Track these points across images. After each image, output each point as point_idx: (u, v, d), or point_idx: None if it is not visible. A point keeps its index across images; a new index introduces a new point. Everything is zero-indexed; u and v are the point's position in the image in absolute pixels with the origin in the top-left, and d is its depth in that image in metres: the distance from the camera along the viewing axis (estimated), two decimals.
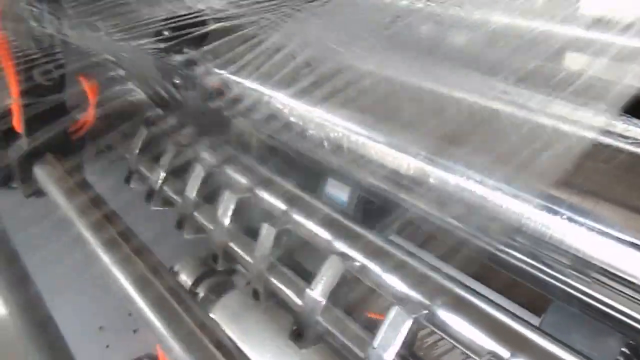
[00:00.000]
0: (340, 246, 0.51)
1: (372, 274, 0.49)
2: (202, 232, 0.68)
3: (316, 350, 0.50)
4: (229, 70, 0.59)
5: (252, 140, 0.74)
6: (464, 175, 0.44)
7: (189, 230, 0.70)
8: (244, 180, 0.65)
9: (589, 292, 0.41)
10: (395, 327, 0.42)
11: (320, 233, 0.54)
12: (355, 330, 0.47)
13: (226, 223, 0.62)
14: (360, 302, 0.53)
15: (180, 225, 0.71)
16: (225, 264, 0.64)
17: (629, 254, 0.35)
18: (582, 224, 0.37)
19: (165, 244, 0.72)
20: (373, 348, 0.43)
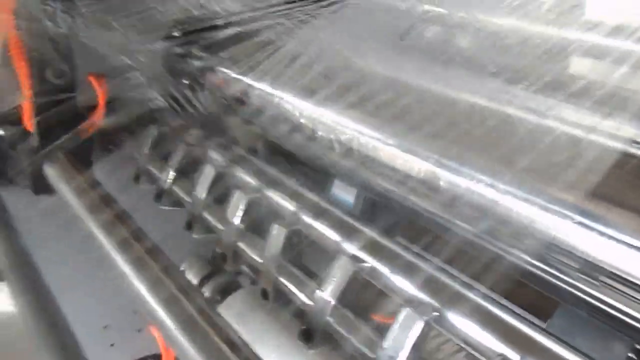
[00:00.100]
0: (351, 247, 0.52)
1: (382, 276, 0.49)
2: (211, 232, 0.68)
3: (325, 351, 0.51)
4: (244, 75, 0.59)
5: (260, 141, 0.74)
6: (474, 179, 0.44)
7: (198, 230, 0.71)
8: (253, 180, 0.66)
9: (597, 296, 0.42)
10: (406, 329, 0.42)
11: (331, 234, 0.54)
12: (365, 332, 0.47)
13: (236, 223, 0.62)
14: (369, 303, 0.54)
15: (189, 226, 0.71)
16: (233, 264, 0.64)
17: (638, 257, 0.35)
18: (592, 229, 0.37)
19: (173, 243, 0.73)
20: (383, 349, 0.43)
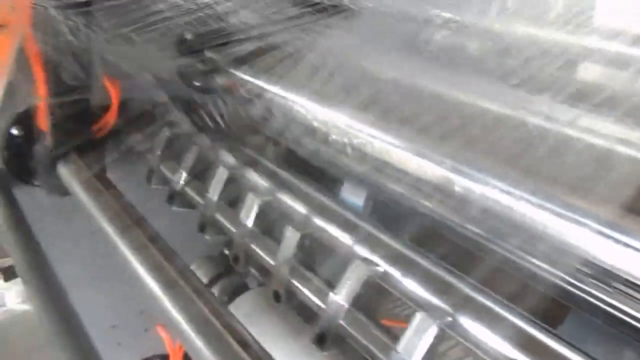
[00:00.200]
0: (364, 251, 0.52)
1: (396, 280, 0.49)
2: (223, 233, 0.69)
3: (334, 354, 0.51)
4: (257, 78, 0.60)
5: (271, 144, 0.75)
6: (487, 184, 0.44)
7: (210, 232, 0.71)
8: (266, 183, 0.66)
9: (610, 302, 0.42)
10: (420, 333, 0.43)
11: (344, 238, 0.54)
12: (378, 335, 0.47)
13: (249, 225, 0.62)
14: (380, 307, 0.54)
15: (202, 227, 0.72)
16: (245, 266, 0.65)
17: None
18: (606, 235, 0.37)
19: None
20: (397, 352, 0.43)
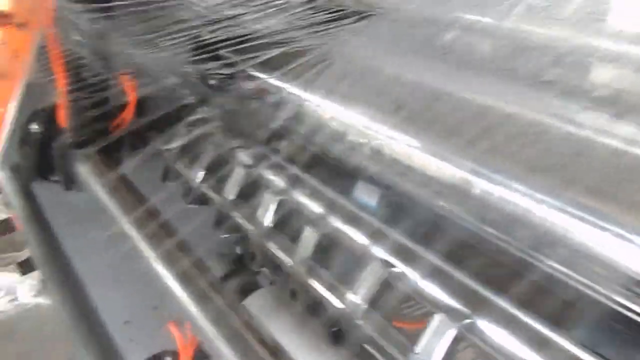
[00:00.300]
0: (382, 252, 0.52)
1: (414, 282, 0.49)
2: (239, 231, 0.69)
3: (345, 353, 0.51)
4: (276, 78, 0.60)
5: (288, 144, 0.75)
6: (506, 186, 0.44)
7: (226, 230, 0.71)
8: (283, 182, 0.66)
9: (628, 305, 0.41)
10: (439, 335, 0.43)
11: (362, 238, 0.55)
12: (396, 336, 0.47)
13: (266, 224, 0.63)
14: (396, 308, 0.54)
15: (218, 225, 0.72)
16: (261, 264, 0.65)
17: None
18: (623, 237, 0.37)
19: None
20: (415, 354, 0.43)
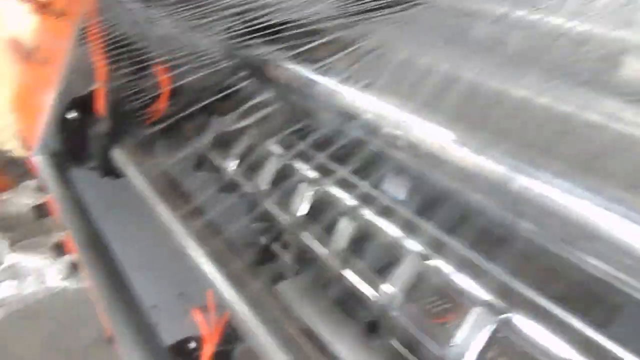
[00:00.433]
0: (417, 245, 0.52)
1: (450, 275, 0.50)
2: (272, 221, 0.70)
3: (388, 345, 0.52)
4: (309, 68, 0.61)
5: (320, 135, 0.75)
6: (544, 181, 0.44)
7: (257, 219, 0.73)
8: (317, 173, 0.67)
9: None
10: (477, 328, 0.43)
11: (397, 230, 0.55)
12: (432, 328, 0.48)
13: (300, 214, 0.64)
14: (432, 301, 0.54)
15: (250, 215, 0.73)
16: (294, 254, 0.66)
17: None
18: None
19: None
20: (451, 346, 0.44)
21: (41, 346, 1.92)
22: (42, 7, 1.04)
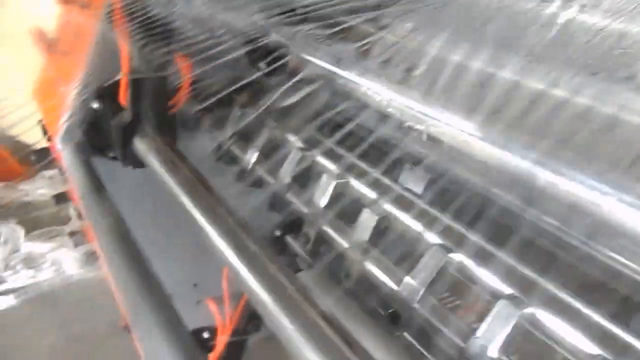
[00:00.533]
0: (439, 239, 0.53)
1: (472, 269, 0.50)
2: (294, 213, 0.70)
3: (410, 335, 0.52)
4: (330, 62, 0.61)
5: (339, 127, 0.76)
6: (567, 177, 0.44)
7: (280, 212, 0.73)
8: (338, 166, 0.67)
9: None
10: (501, 320, 0.43)
11: (418, 224, 0.55)
12: (455, 321, 0.48)
13: (322, 206, 0.64)
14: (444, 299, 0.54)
15: (273, 207, 0.74)
16: (316, 247, 0.67)
17: None
18: None
19: None
20: (475, 338, 0.44)
21: (57, 333, 1.95)
22: None
